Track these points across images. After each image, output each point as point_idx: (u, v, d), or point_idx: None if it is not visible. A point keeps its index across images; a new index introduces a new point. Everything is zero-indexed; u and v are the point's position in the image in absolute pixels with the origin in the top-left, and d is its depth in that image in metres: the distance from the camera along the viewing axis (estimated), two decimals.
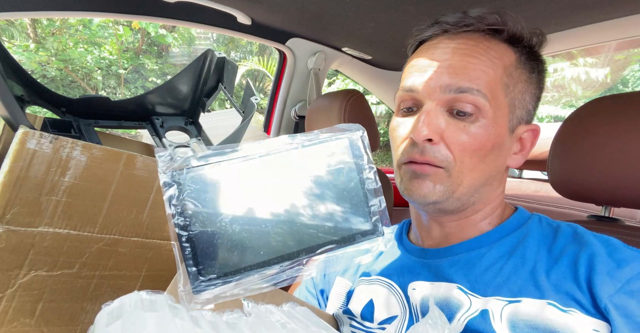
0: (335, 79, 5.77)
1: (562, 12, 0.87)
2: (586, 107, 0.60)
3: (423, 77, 0.45)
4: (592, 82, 5.36)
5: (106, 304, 0.34)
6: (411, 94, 0.46)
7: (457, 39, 0.45)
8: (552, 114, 5.61)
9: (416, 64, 0.47)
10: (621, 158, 0.54)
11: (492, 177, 0.46)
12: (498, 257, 0.44)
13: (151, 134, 1.09)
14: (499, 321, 0.38)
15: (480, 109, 0.43)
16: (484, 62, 0.43)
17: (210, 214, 0.34)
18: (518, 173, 1.44)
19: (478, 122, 0.43)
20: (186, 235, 0.34)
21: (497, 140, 0.44)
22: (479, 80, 0.42)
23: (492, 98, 0.43)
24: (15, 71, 0.85)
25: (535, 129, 0.48)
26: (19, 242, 0.53)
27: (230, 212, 0.35)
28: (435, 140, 0.43)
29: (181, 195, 0.34)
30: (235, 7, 1.02)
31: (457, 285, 0.44)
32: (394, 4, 0.89)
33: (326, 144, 0.38)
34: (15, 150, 0.51)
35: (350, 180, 0.37)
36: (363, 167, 0.38)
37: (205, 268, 0.34)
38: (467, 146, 0.43)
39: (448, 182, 0.43)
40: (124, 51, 5.95)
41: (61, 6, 0.92)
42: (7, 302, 0.54)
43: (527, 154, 0.49)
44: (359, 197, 0.37)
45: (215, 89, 1.15)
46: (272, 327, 0.34)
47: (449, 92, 0.43)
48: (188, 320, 0.32)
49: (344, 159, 0.37)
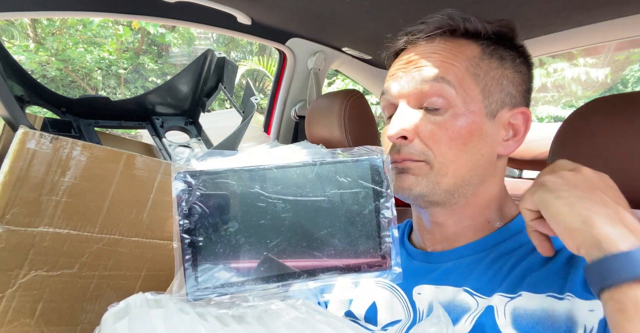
0: (335, 79, 5.77)
1: (562, 12, 0.87)
2: (586, 107, 0.60)
3: (394, 80, 0.48)
4: (592, 82, 5.37)
5: (112, 305, 0.34)
6: (386, 98, 0.49)
7: (420, 45, 0.48)
8: (552, 114, 5.61)
9: (390, 73, 0.51)
10: (621, 158, 0.54)
11: (480, 166, 0.46)
12: (500, 256, 0.44)
13: (151, 134, 1.09)
14: (502, 317, 0.39)
15: (448, 100, 0.44)
16: (445, 56, 0.46)
17: (216, 222, 0.34)
18: (518, 173, 1.44)
19: (448, 112, 0.45)
20: (189, 240, 0.33)
21: (473, 127, 0.45)
22: (442, 69, 0.45)
23: (460, 86, 0.44)
24: (15, 71, 0.85)
25: (524, 112, 0.48)
26: (19, 242, 0.53)
27: (237, 222, 0.34)
28: (410, 137, 0.44)
29: (190, 198, 0.33)
30: (235, 7, 1.02)
31: (463, 288, 0.44)
32: (394, 4, 0.89)
33: (346, 164, 0.36)
34: (15, 150, 0.51)
35: (365, 206, 0.35)
36: (381, 194, 0.36)
37: (202, 277, 0.33)
38: (441, 137, 0.44)
39: (431, 174, 0.45)
40: (123, 51, 5.95)
41: (61, 6, 0.92)
42: (7, 302, 0.54)
43: (521, 139, 0.48)
44: (371, 225, 0.35)
45: (215, 89, 1.15)
46: (278, 317, 0.34)
47: (417, 84, 0.45)
48: (194, 315, 0.32)
49: (362, 182, 0.35)
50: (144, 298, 0.34)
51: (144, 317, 0.30)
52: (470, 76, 0.45)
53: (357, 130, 1.09)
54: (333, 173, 0.35)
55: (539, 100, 5.97)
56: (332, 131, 1.08)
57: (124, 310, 0.32)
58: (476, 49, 0.47)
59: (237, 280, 0.33)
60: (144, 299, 0.34)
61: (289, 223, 0.34)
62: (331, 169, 0.36)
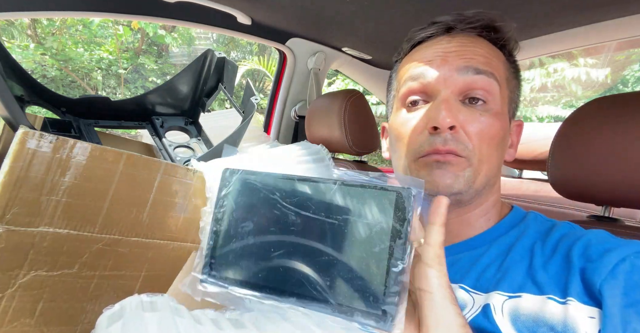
0: (335, 79, 5.77)
1: (562, 12, 0.87)
2: (586, 107, 0.60)
3: (434, 65, 0.44)
4: (592, 82, 5.36)
5: (107, 308, 0.34)
6: (422, 83, 0.45)
7: (456, 37, 0.46)
8: (552, 114, 5.60)
9: (421, 56, 0.46)
10: (621, 158, 0.54)
11: (499, 168, 0.47)
12: (497, 254, 0.44)
13: (151, 134, 1.09)
14: (500, 315, 0.39)
15: (491, 95, 0.43)
16: (489, 52, 0.45)
17: (237, 218, 0.36)
18: (518, 173, 1.44)
19: (489, 110, 0.44)
20: (215, 228, 0.36)
21: (504, 129, 0.45)
22: (490, 64, 0.44)
23: (501, 84, 0.44)
24: (15, 71, 0.85)
25: (520, 125, 0.50)
26: (19, 242, 0.53)
27: (252, 223, 0.35)
28: (457, 128, 0.42)
29: (225, 191, 0.37)
30: (235, 7, 1.02)
31: (459, 285, 0.44)
32: (394, 4, 0.89)
33: (367, 190, 0.31)
34: (15, 150, 0.51)
35: (376, 243, 0.30)
36: (399, 234, 0.29)
37: (216, 264, 0.36)
38: (484, 134, 0.43)
39: (470, 171, 0.43)
40: (123, 51, 5.95)
41: (61, 6, 0.92)
42: (7, 302, 0.54)
43: (516, 147, 0.50)
44: (379, 269, 0.29)
45: (215, 89, 1.15)
46: (275, 320, 0.34)
47: (466, 74, 0.43)
48: (189, 318, 0.32)
49: (381, 215, 0.30)
50: (140, 300, 0.34)
51: (137, 321, 0.30)
52: (505, 78, 0.45)
53: (357, 130, 1.09)
54: (351, 197, 0.31)
55: (539, 100, 5.97)
56: (332, 131, 1.08)
57: (118, 313, 0.33)
58: (503, 56, 0.47)
59: (239, 279, 0.34)
60: (139, 301, 0.34)
61: (294, 238, 0.33)
62: (350, 192, 0.32)
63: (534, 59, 1.40)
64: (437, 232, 0.32)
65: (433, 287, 0.31)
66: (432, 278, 0.31)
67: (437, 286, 0.31)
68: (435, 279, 0.31)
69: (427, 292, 0.31)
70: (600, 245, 0.39)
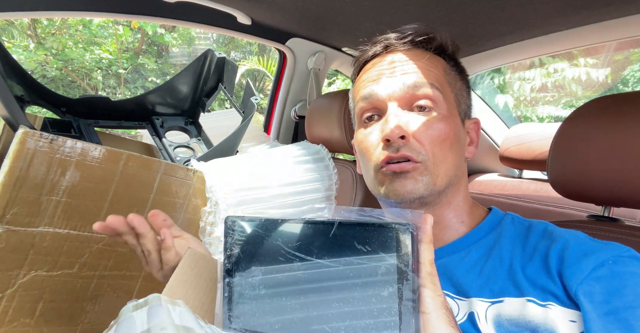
0: (335, 79, 5.77)
1: (562, 12, 0.87)
2: (586, 107, 0.60)
3: (379, 84, 0.49)
4: (593, 82, 5.36)
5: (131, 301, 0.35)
6: (371, 101, 0.49)
7: (396, 52, 0.51)
8: (552, 114, 5.60)
9: (367, 77, 0.51)
10: (621, 158, 0.54)
11: (459, 167, 0.49)
12: (477, 258, 0.45)
13: (151, 134, 1.09)
14: (484, 323, 0.39)
15: (435, 102, 0.47)
16: (426, 63, 0.49)
17: (246, 268, 0.36)
18: (518, 173, 1.44)
19: (436, 114, 0.47)
20: (228, 280, 0.36)
21: (455, 130, 0.48)
22: (429, 76, 0.48)
23: (443, 91, 0.48)
24: (15, 71, 0.85)
25: (477, 122, 0.54)
26: (19, 242, 0.53)
27: (260, 273, 0.35)
28: (407, 136, 0.46)
29: (230, 240, 0.36)
30: (235, 7, 1.02)
31: (443, 292, 0.44)
32: (394, 4, 0.89)
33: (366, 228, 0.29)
34: (15, 150, 0.51)
35: (384, 286, 0.28)
36: (405, 275, 0.28)
37: (235, 314, 0.36)
38: (435, 138, 0.46)
39: (427, 175, 0.46)
40: (123, 51, 5.95)
41: (61, 6, 0.92)
42: (7, 302, 0.54)
43: (477, 144, 0.53)
44: (390, 314, 0.28)
45: (215, 89, 1.15)
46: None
47: (407, 89, 0.47)
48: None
49: (384, 255, 0.29)
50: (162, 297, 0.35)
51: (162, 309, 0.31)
52: (447, 83, 0.49)
53: None
54: (350, 238, 0.30)
55: (539, 100, 5.97)
56: (332, 131, 1.08)
57: (143, 303, 0.33)
58: (443, 61, 0.52)
59: (255, 330, 0.34)
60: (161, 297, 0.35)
61: (304, 286, 0.32)
62: (348, 232, 0.30)
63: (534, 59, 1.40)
64: (426, 250, 0.31)
65: (429, 308, 0.30)
66: (427, 298, 0.30)
67: (432, 307, 0.30)
68: (429, 299, 0.30)
69: (423, 313, 0.30)
70: (577, 247, 0.40)
